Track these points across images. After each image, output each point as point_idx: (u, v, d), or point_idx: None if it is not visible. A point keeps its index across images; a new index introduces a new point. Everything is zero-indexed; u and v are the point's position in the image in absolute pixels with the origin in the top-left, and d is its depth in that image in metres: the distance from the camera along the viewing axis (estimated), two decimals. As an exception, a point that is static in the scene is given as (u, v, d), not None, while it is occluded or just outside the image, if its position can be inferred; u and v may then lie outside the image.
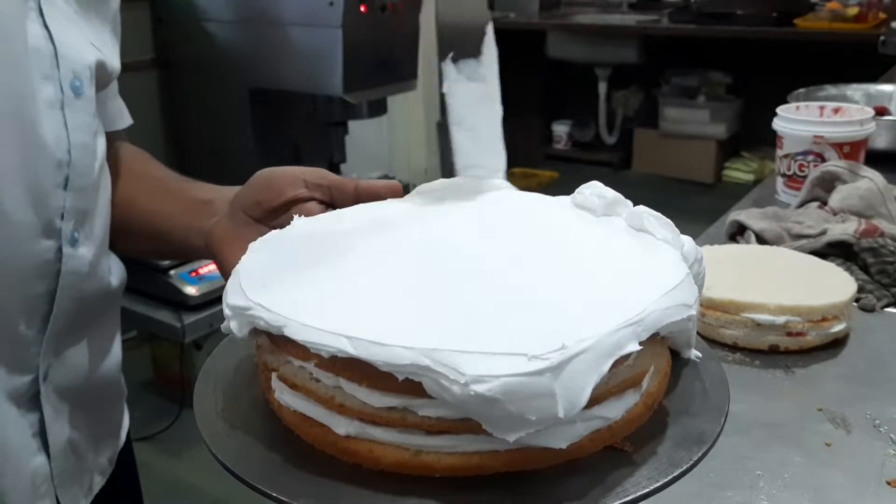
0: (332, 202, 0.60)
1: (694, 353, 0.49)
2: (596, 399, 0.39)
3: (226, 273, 0.57)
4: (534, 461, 0.40)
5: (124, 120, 0.72)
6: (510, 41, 4.38)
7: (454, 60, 0.55)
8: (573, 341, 0.37)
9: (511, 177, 0.57)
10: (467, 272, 0.46)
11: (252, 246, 0.50)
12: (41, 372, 0.57)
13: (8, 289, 0.53)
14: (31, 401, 0.57)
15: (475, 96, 0.56)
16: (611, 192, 0.54)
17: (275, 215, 0.59)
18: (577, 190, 0.55)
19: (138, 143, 0.76)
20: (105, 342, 0.67)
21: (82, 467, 0.64)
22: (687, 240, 0.50)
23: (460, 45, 0.56)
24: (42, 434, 0.58)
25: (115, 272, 0.67)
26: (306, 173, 0.59)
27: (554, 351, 0.37)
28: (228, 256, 0.56)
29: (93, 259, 0.59)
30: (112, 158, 0.66)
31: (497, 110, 0.57)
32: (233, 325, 0.44)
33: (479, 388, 0.36)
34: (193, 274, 2.23)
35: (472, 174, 0.57)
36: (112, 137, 0.67)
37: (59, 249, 0.55)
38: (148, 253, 0.77)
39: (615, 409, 0.41)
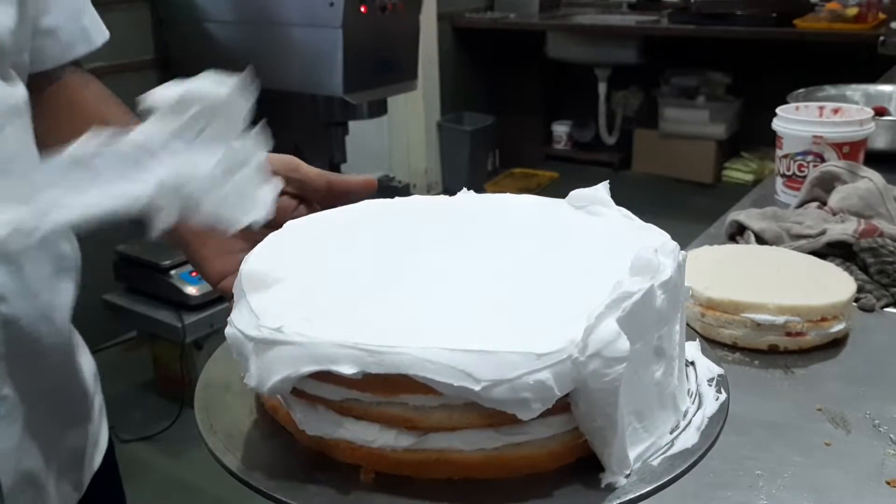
0: (302, 195, 0.57)
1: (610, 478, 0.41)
2: None
3: (198, 265, 0.56)
4: (537, 464, 0.41)
5: (89, 42, 0.68)
6: (510, 41, 4.41)
7: None
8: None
9: (511, 177, 0.57)
10: (443, 272, 0.46)
11: (249, 256, 0.49)
12: None
13: None
14: None
15: None
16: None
17: None
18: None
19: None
20: (63, 367, 0.64)
21: (41, 497, 0.62)
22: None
23: None
24: None
25: (60, 304, 0.63)
26: (275, 162, 0.53)
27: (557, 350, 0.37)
28: (213, 262, 0.55)
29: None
30: (51, 95, 0.63)
31: None
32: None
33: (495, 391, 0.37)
34: (194, 274, 2.23)
35: None
36: (78, 62, 0.65)
37: None
38: None
39: None
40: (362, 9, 2.32)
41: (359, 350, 0.37)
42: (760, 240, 1.01)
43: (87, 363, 0.71)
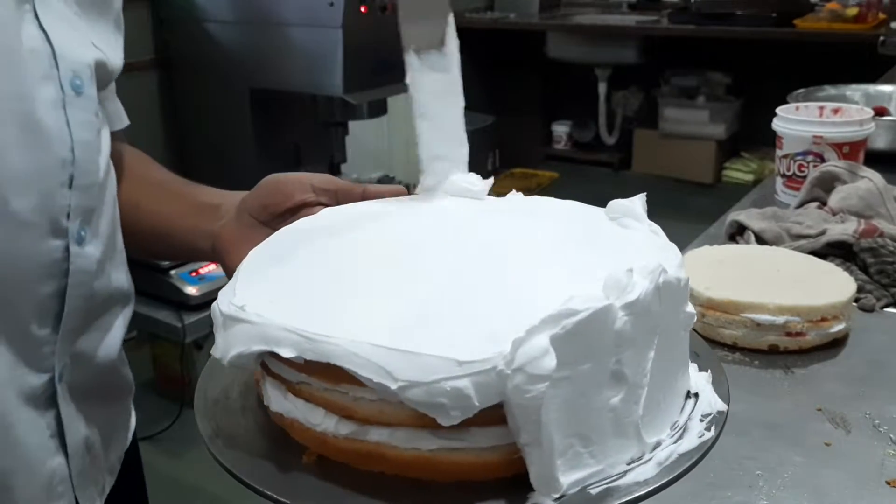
0: (338, 206, 0.61)
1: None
2: None
3: (231, 275, 0.58)
4: (471, 472, 0.41)
5: (122, 121, 0.73)
6: (510, 41, 4.41)
7: (417, 52, 0.56)
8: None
9: (511, 177, 0.57)
10: (429, 272, 0.46)
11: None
12: (57, 372, 0.57)
13: (18, 289, 0.53)
14: (47, 401, 0.57)
15: (439, 88, 0.57)
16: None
17: (282, 219, 0.60)
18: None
19: (138, 144, 0.76)
20: (116, 340, 0.67)
21: (96, 466, 0.65)
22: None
23: (423, 36, 0.56)
24: (60, 434, 0.59)
25: (126, 271, 0.68)
26: (314, 178, 0.61)
27: (483, 359, 0.37)
28: (235, 259, 0.56)
29: (101, 257, 0.60)
30: (116, 159, 0.66)
31: (460, 102, 0.58)
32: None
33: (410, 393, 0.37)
34: (194, 274, 2.23)
35: (436, 166, 0.58)
36: (113, 139, 0.68)
37: (67, 248, 0.56)
38: (149, 254, 0.77)
39: None
40: (362, 9, 2.32)
41: (298, 335, 0.39)
42: (760, 240, 1.01)
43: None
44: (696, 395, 0.47)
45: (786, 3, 3.60)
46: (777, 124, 1.23)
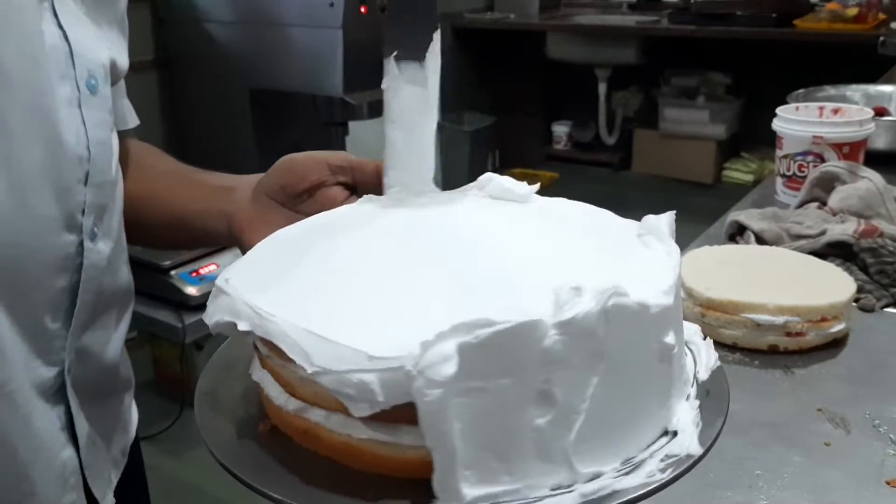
0: (355, 184, 0.62)
1: None
2: None
3: (239, 240, 0.62)
4: (395, 468, 0.41)
5: (133, 119, 0.74)
6: (510, 41, 4.41)
7: (398, 60, 0.57)
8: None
9: (511, 177, 0.57)
10: (403, 271, 0.46)
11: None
12: (66, 365, 0.58)
13: (34, 282, 0.54)
14: (57, 394, 0.58)
15: (413, 101, 0.57)
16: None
17: (299, 200, 0.62)
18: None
19: (139, 144, 0.76)
20: (118, 336, 0.68)
21: (102, 458, 0.65)
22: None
23: (407, 46, 0.57)
24: (70, 427, 0.59)
25: (128, 270, 0.68)
26: (329, 157, 0.62)
27: (396, 356, 0.37)
28: (253, 239, 0.57)
29: (111, 254, 0.61)
30: (123, 155, 0.67)
31: (433, 118, 0.58)
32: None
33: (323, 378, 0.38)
34: (194, 274, 2.23)
35: (401, 178, 0.57)
36: (121, 136, 0.68)
37: (80, 244, 0.56)
38: (167, 242, 0.78)
39: None
40: (362, 9, 2.32)
41: (253, 311, 0.42)
42: (760, 240, 1.01)
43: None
44: (675, 433, 0.44)
45: (786, 3, 3.60)
46: (777, 124, 1.23)
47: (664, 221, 0.50)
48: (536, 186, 0.56)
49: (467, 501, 0.37)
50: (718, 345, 0.81)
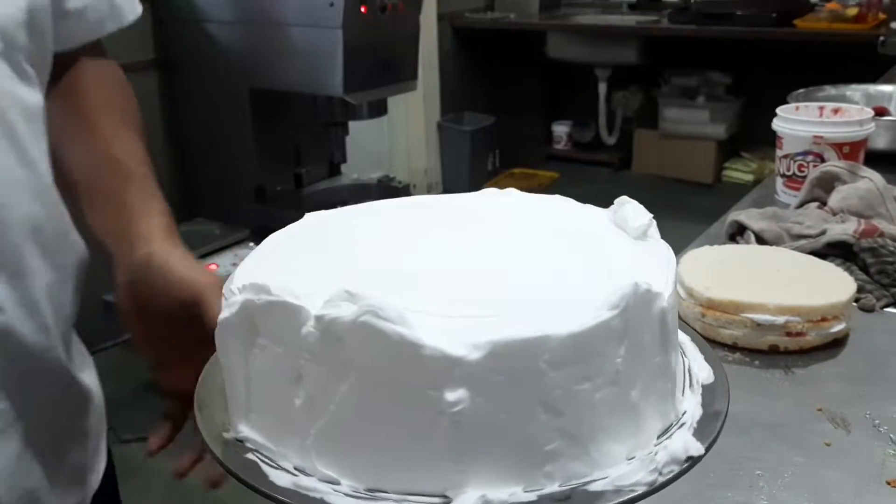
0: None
1: None
2: None
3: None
4: None
5: (132, 9, 0.67)
6: (510, 41, 4.41)
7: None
8: None
9: (511, 177, 0.57)
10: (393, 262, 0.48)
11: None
12: None
13: None
14: None
15: None
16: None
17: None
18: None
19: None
20: (61, 380, 0.63)
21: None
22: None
23: None
24: None
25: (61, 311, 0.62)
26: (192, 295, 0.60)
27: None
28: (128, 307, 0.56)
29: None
30: (71, 86, 0.62)
31: None
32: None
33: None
34: (194, 274, 2.22)
35: None
36: (95, 53, 0.63)
37: None
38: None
39: None
40: (362, 9, 2.32)
41: (252, 284, 0.43)
42: (760, 240, 1.01)
43: (88, 377, 0.69)
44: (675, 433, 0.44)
45: (786, 3, 3.60)
46: (777, 124, 1.23)
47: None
48: (653, 223, 0.51)
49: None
50: (718, 345, 0.81)
